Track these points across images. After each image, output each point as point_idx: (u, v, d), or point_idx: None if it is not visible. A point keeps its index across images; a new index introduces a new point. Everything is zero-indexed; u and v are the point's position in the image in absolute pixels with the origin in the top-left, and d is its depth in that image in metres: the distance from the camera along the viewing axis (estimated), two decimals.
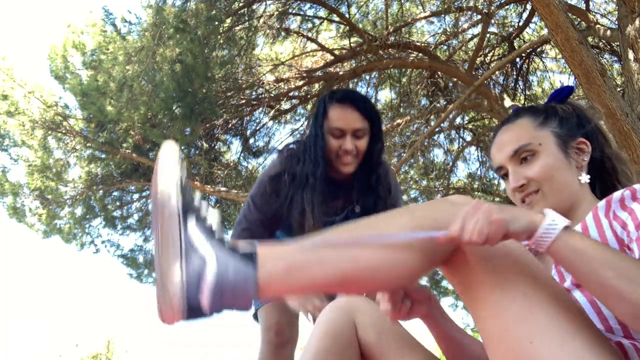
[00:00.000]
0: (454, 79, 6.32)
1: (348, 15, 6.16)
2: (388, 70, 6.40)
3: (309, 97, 6.51)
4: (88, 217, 6.25)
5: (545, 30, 4.14)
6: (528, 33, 6.51)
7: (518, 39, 6.23)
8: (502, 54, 6.37)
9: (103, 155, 5.92)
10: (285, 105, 6.63)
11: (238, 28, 5.74)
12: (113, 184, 6.13)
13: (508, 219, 0.73)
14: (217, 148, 6.59)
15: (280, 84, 6.38)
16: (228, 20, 5.51)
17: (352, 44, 6.23)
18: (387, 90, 6.99)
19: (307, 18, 6.27)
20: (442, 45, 6.58)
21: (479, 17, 5.92)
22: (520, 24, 6.14)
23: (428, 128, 6.31)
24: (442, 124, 6.24)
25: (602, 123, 1.06)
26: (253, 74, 6.32)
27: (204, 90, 5.09)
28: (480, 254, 0.78)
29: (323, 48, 6.38)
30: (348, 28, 6.25)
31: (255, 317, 1.75)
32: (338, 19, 6.26)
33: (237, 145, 6.71)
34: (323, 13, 6.33)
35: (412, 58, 6.02)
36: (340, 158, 1.58)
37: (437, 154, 7.41)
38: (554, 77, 6.92)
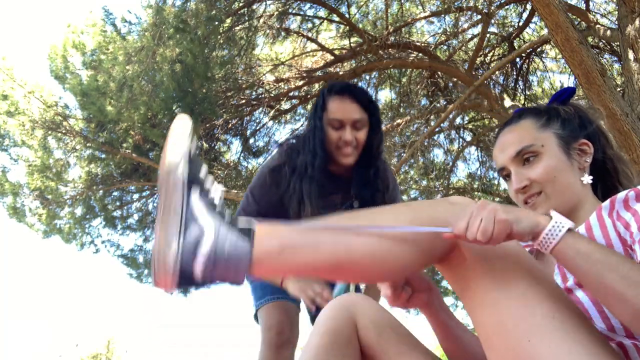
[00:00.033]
0: (454, 79, 6.32)
1: (348, 15, 6.15)
2: (388, 70, 6.40)
3: (309, 97, 6.51)
4: (88, 217, 6.24)
5: (545, 30, 4.14)
6: (528, 33, 6.52)
7: (518, 39, 6.23)
8: (502, 54, 6.37)
9: (103, 155, 5.91)
10: (285, 105, 6.63)
11: (238, 28, 5.74)
12: (113, 184, 6.12)
13: (512, 220, 0.74)
14: (217, 148, 6.58)
15: (280, 84, 6.38)
16: (228, 20, 5.51)
17: (352, 44, 6.23)
18: (387, 90, 7.00)
19: (307, 18, 6.27)
20: (442, 45, 6.58)
21: (479, 17, 5.92)
22: (520, 24, 6.14)
23: (428, 128, 6.30)
24: (442, 124, 6.24)
25: (603, 124, 1.06)
26: (253, 74, 6.31)
27: (204, 90, 5.09)
28: (479, 254, 0.78)
29: (323, 48, 6.38)
30: (348, 28, 6.25)
31: (256, 317, 1.75)
32: (338, 19, 6.26)
33: (237, 145, 6.71)
34: (323, 13, 6.33)
35: (412, 58, 6.02)
36: (340, 149, 1.59)
37: (437, 154, 7.42)
38: (554, 77, 6.93)
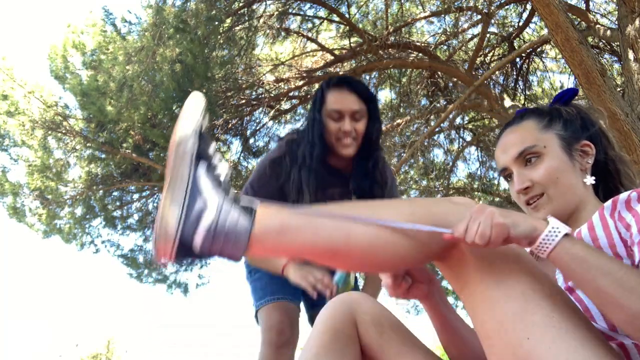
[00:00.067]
0: (454, 79, 6.32)
1: (348, 15, 6.15)
2: (388, 70, 6.40)
3: (309, 97, 6.50)
4: (88, 217, 6.24)
5: (545, 30, 4.14)
6: (528, 33, 6.52)
7: (518, 39, 6.23)
8: (502, 54, 6.37)
9: (103, 155, 5.91)
10: (285, 105, 6.63)
11: (238, 28, 5.73)
12: (113, 184, 6.12)
13: (510, 224, 0.74)
14: (217, 148, 6.57)
15: (280, 84, 6.38)
16: (228, 20, 5.51)
17: (352, 44, 6.23)
18: (387, 90, 6.99)
19: (307, 18, 6.27)
20: (442, 45, 6.57)
21: (479, 17, 5.92)
22: (520, 24, 6.14)
23: (428, 128, 6.30)
24: (442, 124, 6.24)
25: (605, 125, 1.07)
26: (253, 74, 6.31)
27: (204, 90, 5.08)
28: (479, 252, 0.79)
29: (323, 48, 6.38)
30: (348, 28, 6.25)
31: (256, 318, 1.74)
32: (338, 19, 6.26)
33: (237, 145, 6.70)
34: (323, 13, 6.33)
35: (412, 58, 6.02)
36: (340, 140, 1.61)
37: (437, 154, 7.42)
38: (554, 77, 6.93)
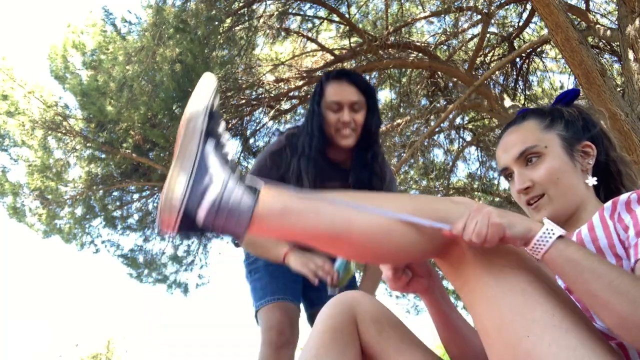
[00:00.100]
0: (454, 79, 6.32)
1: (348, 15, 6.15)
2: (388, 70, 6.40)
3: (309, 97, 6.49)
4: (88, 217, 6.24)
5: (545, 30, 4.14)
6: (528, 33, 6.52)
7: (518, 39, 6.23)
8: (502, 54, 6.37)
9: (103, 155, 5.91)
10: (285, 105, 6.63)
11: (238, 28, 5.73)
12: (113, 184, 6.12)
13: (506, 224, 0.75)
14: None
15: (280, 84, 6.38)
16: (228, 20, 5.51)
17: (352, 44, 6.23)
18: (387, 90, 6.99)
19: (307, 18, 6.27)
20: (442, 45, 6.57)
21: (479, 17, 5.92)
22: (520, 24, 6.14)
23: (428, 128, 6.30)
24: (442, 124, 6.24)
25: (607, 126, 1.07)
26: (253, 74, 6.31)
27: None
28: (479, 251, 0.79)
29: (323, 48, 6.38)
30: (348, 28, 6.25)
31: (256, 318, 1.74)
32: (338, 19, 6.26)
33: (237, 145, 6.71)
34: (323, 13, 6.33)
35: (412, 58, 6.02)
36: (339, 131, 1.64)
37: (437, 154, 7.42)
38: (554, 77, 6.93)
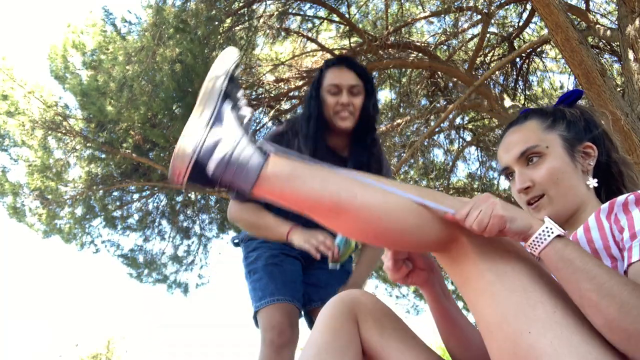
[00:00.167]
0: (454, 79, 6.32)
1: (348, 15, 6.15)
2: (388, 70, 6.40)
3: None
4: (88, 217, 6.24)
5: (545, 30, 4.14)
6: (528, 33, 6.52)
7: (518, 39, 6.23)
8: (502, 54, 6.37)
9: (103, 155, 5.91)
10: (285, 105, 6.63)
11: (238, 28, 5.74)
12: (113, 184, 6.12)
13: (508, 218, 0.76)
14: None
15: (280, 84, 6.38)
16: (228, 20, 5.51)
17: (352, 44, 6.23)
18: (387, 90, 6.99)
19: (307, 18, 6.27)
20: (442, 45, 6.57)
21: (479, 17, 5.92)
22: (520, 24, 6.14)
23: (428, 128, 6.30)
24: (442, 124, 6.24)
25: (609, 127, 1.07)
26: (253, 74, 6.31)
27: None
28: (482, 247, 0.80)
29: (323, 48, 6.37)
30: (348, 28, 6.25)
31: (256, 321, 1.73)
32: (338, 19, 6.26)
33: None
34: (323, 13, 6.33)
35: (412, 58, 6.02)
36: (338, 113, 1.70)
37: (437, 154, 7.42)
38: (554, 77, 6.93)
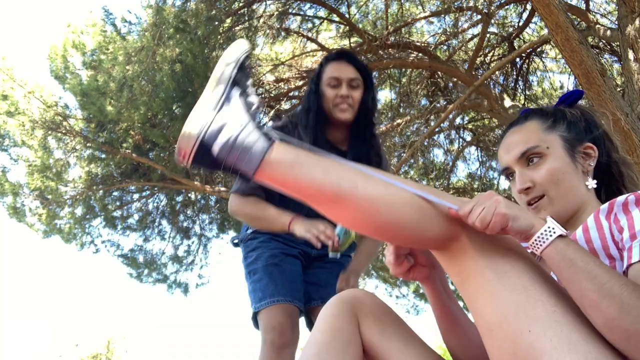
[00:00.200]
0: (454, 79, 6.32)
1: (348, 15, 6.15)
2: (388, 70, 6.40)
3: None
4: (88, 217, 6.25)
5: (545, 30, 4.14)
6: (528, 33, 6.52)
7: (518, 39, 6.23)
8: (502, 54, 6.37)
9: (103, 155, 5.91)
10: (285, 105, 6.63)
11: (238, 28, 5.73)
12: (113, 184, 6.13)
13: (511, 216, 0.76)
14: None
15: (280, 84, 6.38)
16: (228, 20, 5.51)
17: (352, 44, 6.23)
18: (387, 90, 6.98)
19: (307, 18, 6.27)
20: (442, 45, 6.57)
21: (479, 17, 5.92)
22: (520, 24, 6.14)
23: (428, 128, 6.30)
24: (442, 124, 6.24)
25: (610, 127, 1.07)
26: (253, 74, 6.31)
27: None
28: (481, 245, 0.80)
29: (323, 48, 6.37)
30: (348, 28, 6.25)
31: (256, 322, 1.72)
32: (338, 19, 6.26)
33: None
34: (323, 13, 6.33)
35: (412, 58, 6.02)
36: (338, 106, 1.74)
37: (437, 154, 7.42)
38: (554, 77, 6.93)
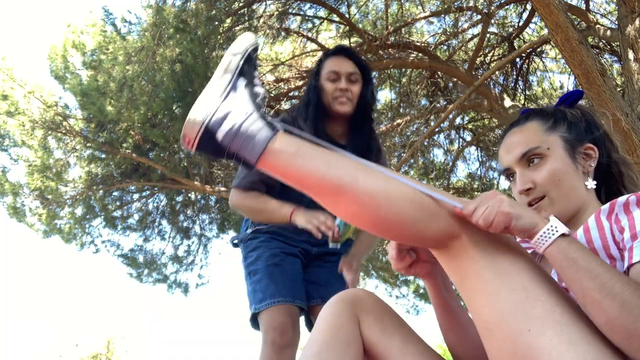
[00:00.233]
0: (454, 79, 6.32)
1: (348, 15, 6.15)
2: (388, 70, 6.40)
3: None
4: (88, 217, 6.25)
5: (545, 30, 4.14)
6: (528, 33, 6.52)
7: (518, 39, 6.23)
8: (502, 54, 6.37)
9: (103, 155, 5.92)
10: (285, 105, 6.62)
11: (238, 28, 5.73)
12: (113, 184, 6.13)
13: (514, 215, 0.76)
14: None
15: (280, 84, 6.38)
16: (228, 20, 5.51)
17: (352, 44, 6.22)
18: (387, 90, 6.98)
19: (307, 18, 6.27)
20: (442, 45, 6.57)
21: (479, 17, 5.92)
22: (520, 24, 6.14)
23: (428, 128, 6.30)
24: (442, 124, 6.24)
25: (610, 127, 1.07)
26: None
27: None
28: (482, 245, 0.80)
29: (323, 48, 6.37)
30: (348, 28, 6.25)
31: (255, 322, 1.71)
32: (338, 19, 6.26)
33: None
34: (323, 13, 6.33)
35: (412, 58, 6.02)
36: (337, 99, 1.77)
37: (437, 154, 7.42)
38: (554, 77, 6.94)
